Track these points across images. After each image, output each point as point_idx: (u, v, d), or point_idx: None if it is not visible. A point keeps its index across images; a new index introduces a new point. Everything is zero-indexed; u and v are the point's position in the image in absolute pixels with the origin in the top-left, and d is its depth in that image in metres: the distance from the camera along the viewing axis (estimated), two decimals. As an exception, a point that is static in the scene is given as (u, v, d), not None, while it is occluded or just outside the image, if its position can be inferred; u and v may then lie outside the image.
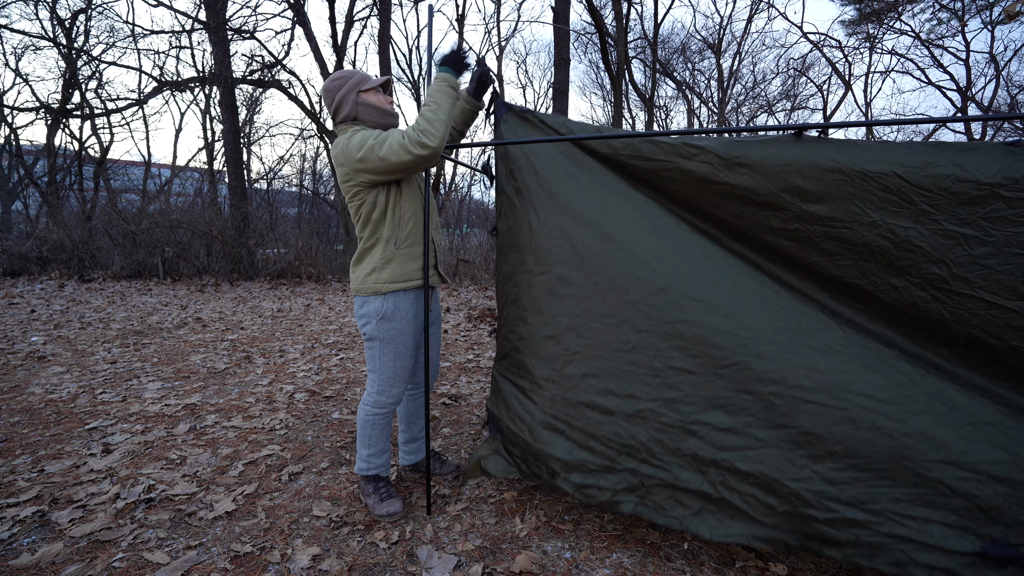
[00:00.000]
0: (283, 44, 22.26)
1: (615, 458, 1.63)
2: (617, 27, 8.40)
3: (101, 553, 1.66)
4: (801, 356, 1.48)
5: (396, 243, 1.80)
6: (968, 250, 1.37)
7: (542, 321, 1.77)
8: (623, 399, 1.64)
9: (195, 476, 2.18)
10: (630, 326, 1.65)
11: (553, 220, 1.77)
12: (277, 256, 10.08)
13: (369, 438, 1.90)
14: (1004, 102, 14.32)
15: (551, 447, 1.71)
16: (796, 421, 1.44)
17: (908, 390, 1.40)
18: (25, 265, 9.26)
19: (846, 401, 1.41)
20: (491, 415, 1.96)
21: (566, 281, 1.74)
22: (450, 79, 1.68)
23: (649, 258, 1.66)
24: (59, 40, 12.14)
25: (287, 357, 4.19)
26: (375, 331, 1.81)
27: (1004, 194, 1.33)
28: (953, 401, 1.38)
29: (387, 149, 1.63)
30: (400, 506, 1.87)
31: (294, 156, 24.83)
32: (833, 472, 1.40)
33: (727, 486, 1.50)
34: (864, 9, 14.15)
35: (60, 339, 4.63)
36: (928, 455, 1.33)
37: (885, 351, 1.48)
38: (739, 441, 1.50)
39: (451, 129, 1.96)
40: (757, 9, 17.32)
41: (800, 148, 1.52)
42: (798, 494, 1.41)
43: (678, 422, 1.57)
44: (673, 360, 1.60)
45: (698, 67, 19.68)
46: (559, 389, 1.72)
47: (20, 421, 2.74)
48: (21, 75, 13.57)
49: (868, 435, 1.38)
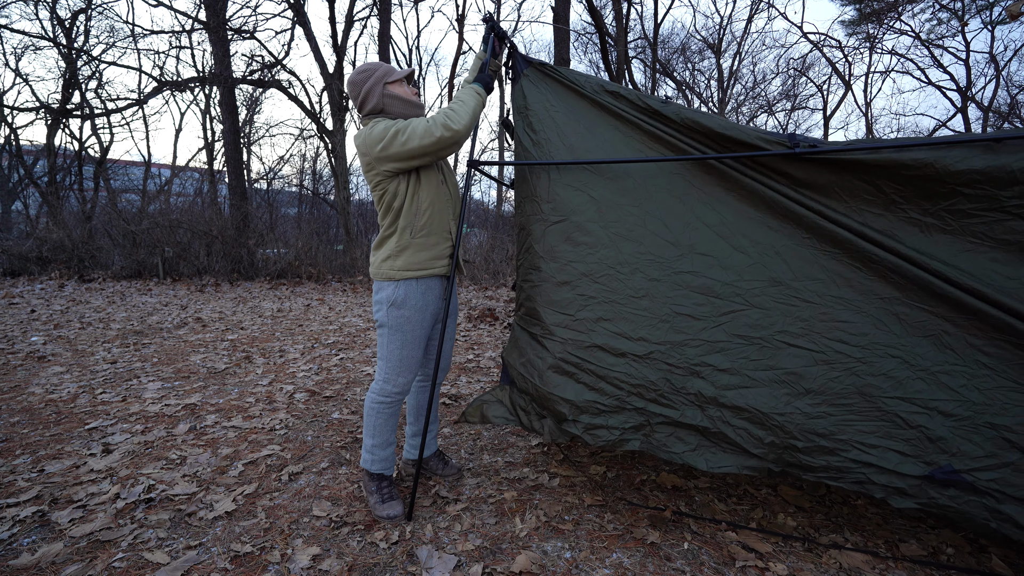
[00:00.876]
0: (283, 44, 22.28)
1: (625, 398, 1.74)
2: (617, 27, 8.40)
3: (101, 553, 1.66)
4: (789, 306, 1.68)
5: (412, 232, 1.82)
6: (930, 236, 1.54)
7: (556, 268, 1.87)
8: (635, 342, 1.76)
9: (195, 476, 2.18)
10: (643, 274, 1.79)
11: (572, 173, 1.89)
12: (277, 256, 10.07)
13: (374, 427, 1.90)
14: (1004, 102, 14.32)
15: (561, 390, 1.79)
16: (781, 363, 1.65)
17: (879, 338, 1.58)
18: (25, 265, 9.26)
19: (823, 345, 1.62)
20: (505, 363, 2.03)
21: (584, 230, 1.85)
22: (480, 89, 1.84)
23: (663, 214, 1.82)
24: (59, 40, 12.15)
25: (287, 357, 4.19)
26: (385, 317, 1.83)
27: (965, 192, 1.47)
28: (918, 350, 1.55)
29: (409, 133, 1.68)
30: (401, 509, 1.87)
31: (294, 156, 24.83)
32: (810, 407, 1.59)
33: (724, 421, 1.66)
34: (864, 9, 14.14)
35: (60, 339, 4.63)
36: (888, 392, 1.54)
37: (868, 301, 1.62)
38: (736, 380, 1.67)
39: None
40: (757, 9, 17.33)
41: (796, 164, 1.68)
42: (783, 426, 1.59)
43: (684, 363, 1.71)
44: (681, 307, 1.75)
45: (698, 67, 19.69)
46: (571, 333, 1.81)
47: (20, 421, 2.74)
48: (21, 75, 13.59)
49: (839, 374, 1.59)
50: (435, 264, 1.87)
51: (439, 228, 1.87)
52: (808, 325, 1.65)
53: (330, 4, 9.89)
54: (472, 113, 1.75)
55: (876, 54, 16.78)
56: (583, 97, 1.96)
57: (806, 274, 1.68)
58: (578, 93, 1.97)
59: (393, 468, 1.96)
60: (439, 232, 1.87)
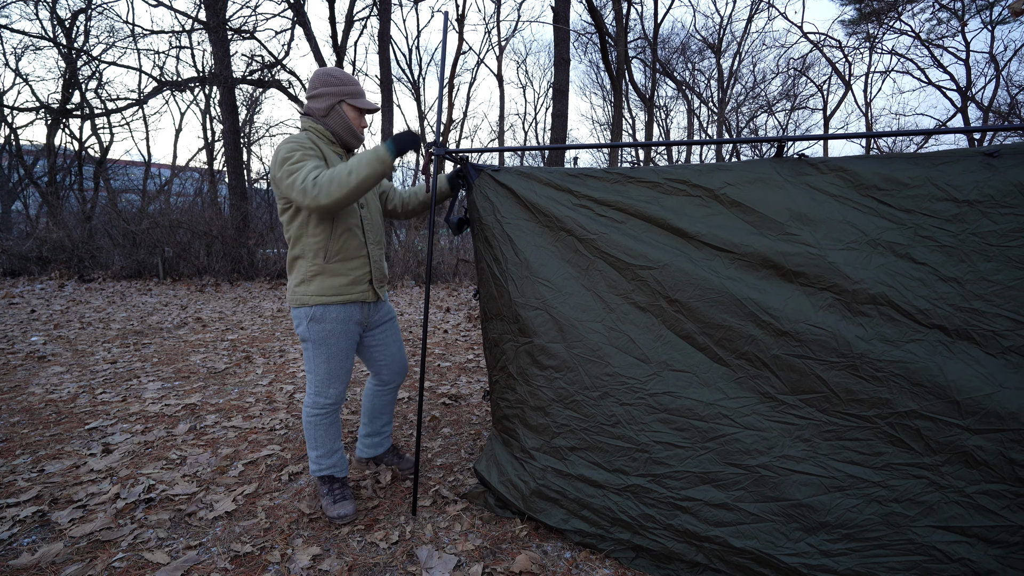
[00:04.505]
0: (283, 44, 22.28)
1: (609, 528, 1.63)
2: (617, 27, 8.40)
3: (101, 553, 1.66)
4: (787, 425, 1.46)
5: (326, 256, 1.75)
6: (973, 265, 1.34)
7: (529, 391, 1.76)
8: (612, 473, 1.62)
9: (195, 476, 2.18)
10: (613, 399, 1.63)
11: (531, 290, 1.74)
12: (277, 256, 10.07)
13: (314, 439, 1.89)
14: (1004, 102, 14.32)
15: (546, 516, 1.72)
16: (787, 493, 1.43)
17: (898, 457, 1.37)
18: (25, 265, 9.26)
19: (832, 469, 1.40)
20: (480, 478, 1.92)
21: (548, 352, 1.71)
22: (381, 151, 1.62)
23: (629, 328, 1.63)
24: (59, 40, 12.15)
25: (287, 357, 4.19)
26: (306, 332, 1.79)
27: (985, 210, 1.33)
28: (946, 469, 1.34)
29: (293, 179, 1.59)
30: (352, 509, 1.86)
31: (294, 156, 24.76)
32: (828, 544, 1.37)
33: (722, 559, 1.48)
34: (864, 9, 14.15)
35: (60, 339, 4.63)
36: (918, 520, 1.32)
37: (880, 415, 1.42)
38: (731, 517, 1.47)
39: (401, 207, 2.05)
40: (757, 9, 17.33)
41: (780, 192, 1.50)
42: (795, 569, 1.38)
43: (668, 498, 1.54)
44: (660, 434, 1.57)
45: (698, 67, 19.69)
46: (550, 460, 1.72)
47: (20, 421, 2.74)
48: (21, 75, 13.57)
49: (857, 502, 1.37)
50: (352, 290, 1.80)
51: (356, 253, 1.80)
52: (812, 447, 1.42)
53: (330, 4, 9.89)
54: (354, 185, 1.58)
55: (876, 54, 16.79)
56: (528, 208, 1.77)
57: (801, 386, 1.46)
58: (525, 203, 1.77)
59: (345, 470, 1.94)
60: (357, 257, 1.80)
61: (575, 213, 1.71)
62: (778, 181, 1.50)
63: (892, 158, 1.43)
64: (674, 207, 1.61)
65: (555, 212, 1.73)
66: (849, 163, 1.46)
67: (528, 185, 1.78)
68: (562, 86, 6.93)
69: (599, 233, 1.66)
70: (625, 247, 1.63)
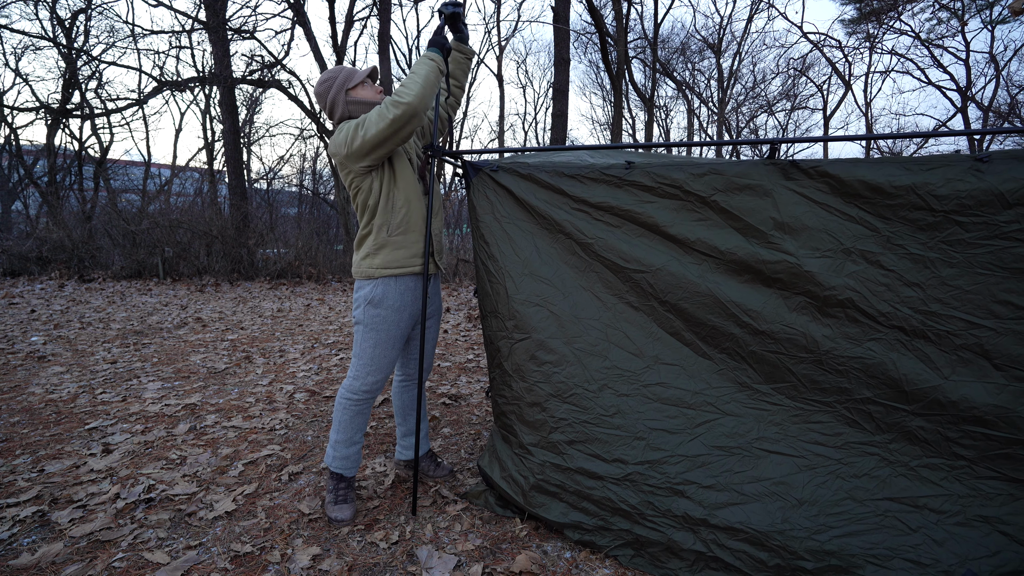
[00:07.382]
0: (283, 44, 22.30)
1: (609, 519, 1.65)
2: (617, 27, 8.40)
3: (101, 553, 1.66)
4: (761, 411, 1.61)
5: (388, 230, 1.82)
6: (936, 272, 1.43)
7: (525, 388, 1.78)
8: (611, 464, 1.66)
9: (195, 476, 2.18)
10: (612, 390, 1.70)
11: (529, 287, 1.79)
12: (277, 256, 10.08)
13: (339, 422, 1.89)
14: (1004, 102, 14.32)
15: (546, 511, 1.73)
16: (766, 472, 1.55)
17: (853, 436, 1.51)
18: (25, 265, 9.26)
19: (801, 449, 1.55)
20: (483, 474, 1.95)
21: (547, 348, 1.76)
22: (430, 53, 1.75)
23: (624, 325, 1.74)
24: (59, 40, 12.14)
25: (287, 357, 4.19)
26: (362, 315, 1.83)
27: (958, 219, 1.38)
28: (893, 446, 1.48)
29: (367, 125, 1.67)
30: (350, 514, 1.85)
31: (294, 156, 24.73)
32: (808, 520, 1.46)
33: (719, 544, 1.52)
34: (864, 9, 14.15)
35: (60, 339, 4.63)
36: (875, 493, 1.45)
37: (839, 400, 1.54)
38: (724, 497, 1.55)
39: (450, 85, 2.06)
40: (757, 9, 17.33)
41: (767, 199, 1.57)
42: (785, 546, 1.45)
43: (665, 483, 1.60)
44: (655, 421, 1.66)
45: (698, 67, 19.69)
46: (548, 455, 1.74)
47: (20, 421, 2.74)
48: (21, 75, 13.57)
49: (824, 479, 1.50)
50: (414, 262, 1.86)
51: (417, 226, 1.86)
52: (783, 429, 1.57)
53: (330, 4, 9.89)
54: (423, 81, 1.66)
55: (876, 54, 16.79)
56: (527, 210, 1.82)
57: (773, 377, 1.60)
58: (524, 204, 1.82)
59: (354, 470, 1.94)
60: (417, 230, 1.86)
61: (572, 217, 1.78)
62: (766, 188, 1.58)
63: (883, 162, 1.46)
64: (666, 212, 1.69)
65: (554, 216, 1.79)
66: (838, 168, 1.49)
67: (527, 187, 1.83)
68: (562, 86, 6.93)
69: (596, 237, 1.76)
70: (620, 251, 1.73)
